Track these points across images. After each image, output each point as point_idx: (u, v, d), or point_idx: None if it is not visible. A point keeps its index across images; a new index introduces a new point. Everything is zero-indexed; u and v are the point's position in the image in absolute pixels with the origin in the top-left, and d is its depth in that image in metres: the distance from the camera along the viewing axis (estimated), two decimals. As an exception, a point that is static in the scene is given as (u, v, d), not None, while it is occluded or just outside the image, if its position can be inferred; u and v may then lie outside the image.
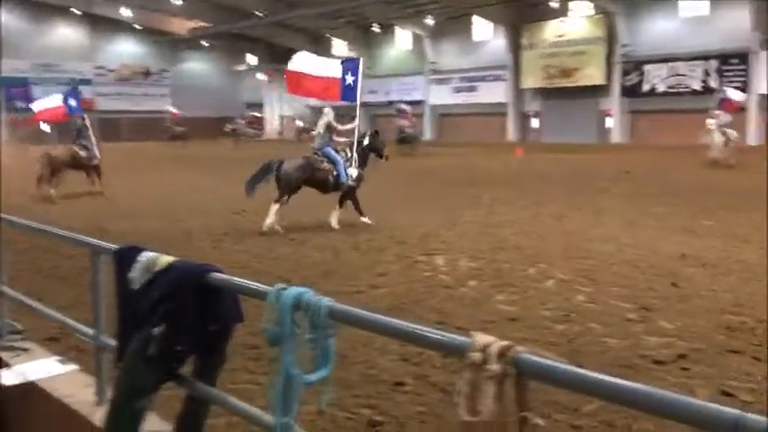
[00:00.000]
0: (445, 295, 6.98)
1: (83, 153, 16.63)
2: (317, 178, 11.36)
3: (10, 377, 3.62)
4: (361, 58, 12.56)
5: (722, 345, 5.34)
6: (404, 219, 12.13)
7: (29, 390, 3.49)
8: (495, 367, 1.45)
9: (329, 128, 11.77)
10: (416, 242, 9.90)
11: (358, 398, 4.50)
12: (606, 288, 7.12)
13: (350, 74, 11.59)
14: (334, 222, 11.24)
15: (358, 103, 11.77)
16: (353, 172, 11.53)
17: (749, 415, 1.14)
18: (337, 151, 11.59)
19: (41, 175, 15.74)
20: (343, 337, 5.21)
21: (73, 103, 17.83)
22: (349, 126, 12.11)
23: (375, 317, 1.92)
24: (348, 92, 11.59)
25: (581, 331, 5.74)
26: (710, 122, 22.40)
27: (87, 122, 17.39)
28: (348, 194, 11.53)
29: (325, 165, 11.40)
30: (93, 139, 17.12)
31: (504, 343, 1.50)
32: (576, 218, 11.93)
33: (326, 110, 12.09)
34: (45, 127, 27.36)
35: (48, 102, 18.34)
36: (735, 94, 23.61)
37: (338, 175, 11.37)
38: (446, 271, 8.08)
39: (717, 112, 22.65)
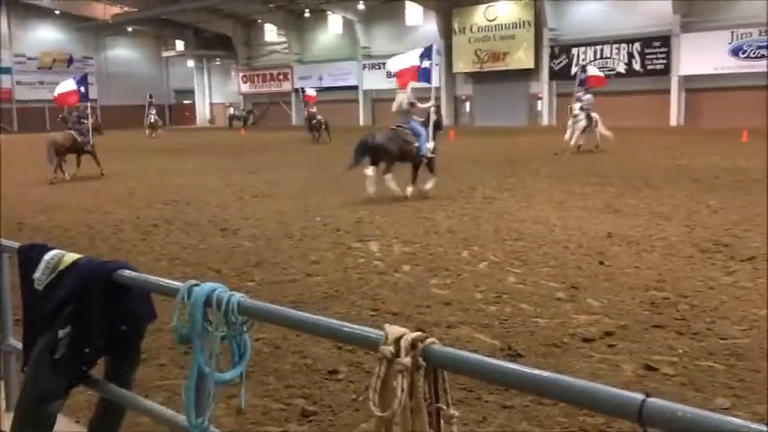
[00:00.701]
0: (379, 281, 6.96)
1: (80, 138, 17.99)
2: (404, 150, 12.59)
3: None
4: (434, 45, 14.10)
5: (646, 320, 5.49)
6: (337, 205, 12.06)
7: (-68, 398, 3.27)
8: (405, 360, 1.41)
9: (412, 105, 13.04)
10: (350, 229, 9.84)
11: (291, 388, 4.44)
12: (536, 269, 7.23)
13: (425, 59, 13.13)
14: (410, 191, 12.55)
15: (433, 84, 13.28)
16: (430, 145, 12.81)
17: (653, 399, 1.13)
18: (421, 125, 12.91)
19: (51, 159, 17.20)
20: (275, 327, 5.15)
21: (83, 89, 19.10)
22: (427, 105, 13.33)
23: (287, 311, 1.86)
24: (424, 74, 13.14)
25: (512, 312, 5.82)
26: (576, 107, 20.77)
27: (89, 110, 19.43)
28: (429, 164, 12.88)
29: (411, 137, 12.63)
30: (89, 125, 18.69)
31: (416, 334, 1.46)
32: (508, 200, 12.10)
33: (408, 89, 13.40)
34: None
35: (64, 86, 19.37)
36: (595, 71, 23.29)
37: (419, 148, 12.62)
38: (380, 257, 8.06)
39: (580, 94, 21.47)
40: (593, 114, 20.85)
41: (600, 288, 6.43)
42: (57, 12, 54.11)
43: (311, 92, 34.20)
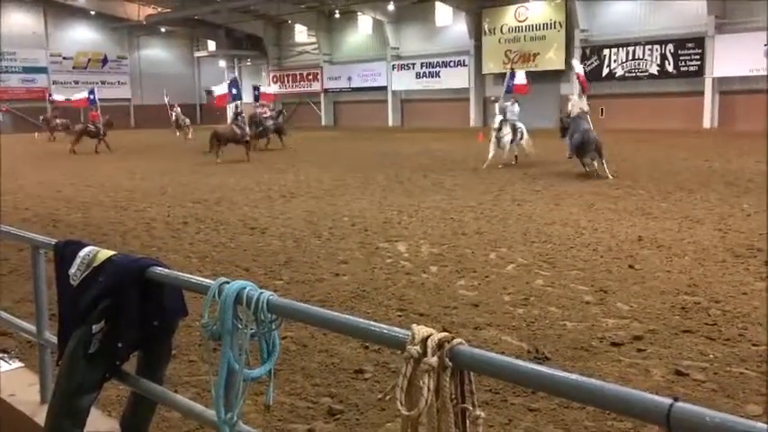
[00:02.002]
0: (407, 282, 6.97)
1: (238, 131, 22.45)
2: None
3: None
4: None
5: (677, 325, 5.43)
6: (365, 205, 12.09)
7: (-30, 389, 3.36)
8: (432, 360, 1.42)
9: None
10: (378, 229, 9.87)
11: (318, 387, 4.48)
12: (565, 271, 7.18)
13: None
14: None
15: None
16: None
17: (681, 404, 1.13)
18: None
19: (212, 147, 21.86)
20: (302, 325, 5.19)
21: (234, 90, 24.02)
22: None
23: (316, 310, 1.88)
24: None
25: (540, 315, 5.79)
26: (497, 120, 18.72)
27: (241, 108, 24.06)
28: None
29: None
30: (246, 120, 23.66)
31: (443, 335, 1.47)
32: (536, 202, 12.02)
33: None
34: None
35: (219, 89, 24.68)
36: (521, 76, 21.01)
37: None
38: (408, 257, 8.07)
39: (507, 103, 19.12)
40: (519, 125, 18.87)
41: (629, 292, 6.37)
42: (92, 12, 54.97)
43: (267, 90, 33.82)
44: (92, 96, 29.37)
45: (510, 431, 3.84)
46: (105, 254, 2.67)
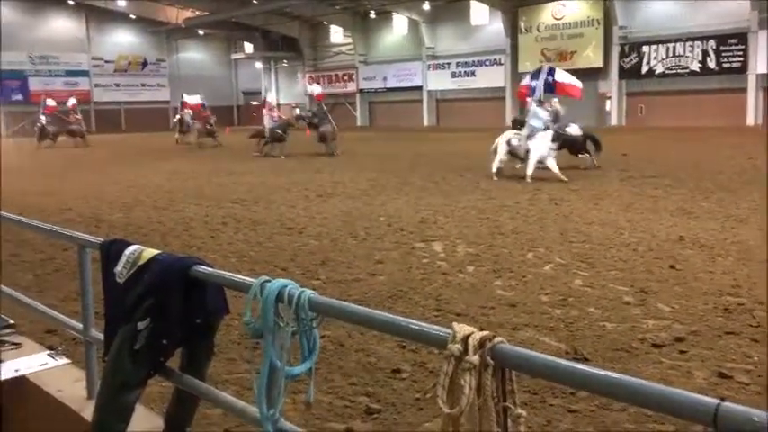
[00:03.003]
0: (443, 282, 6.96)
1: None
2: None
3: (1, 372, 3.60)
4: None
5: (720, 327, 5.32)
6: (401, 205, 12.10)
7: (20, 384, 3.47)
8: (473, 358, 1.42)
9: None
10: (414, 229, 9.87)
11: (355, 385, 4.49)
12: (604, 272, 7.10)
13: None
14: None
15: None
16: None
17: (728, 404, 1.12)
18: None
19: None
20: (340, 324, 5.22)
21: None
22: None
23: (356, 308, 1.90)
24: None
25: (579, 315, 5.73)
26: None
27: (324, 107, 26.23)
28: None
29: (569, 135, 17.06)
30: (329, 117, 25.51)
31: (484, 333, 1.47)
32: (574, 201, 11.89)
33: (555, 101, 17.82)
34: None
35: (317, 88, 27.67)
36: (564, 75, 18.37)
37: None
38: (444, 257, 8.06)
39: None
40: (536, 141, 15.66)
41: (671, 292, 6.26)
42: (132, 16, 56.05)
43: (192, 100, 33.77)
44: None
45: (549, 432, 3.82)
46: (150, 253, 2.73)
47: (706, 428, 1.14)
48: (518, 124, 18.32)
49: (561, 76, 17.98)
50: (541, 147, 15.34)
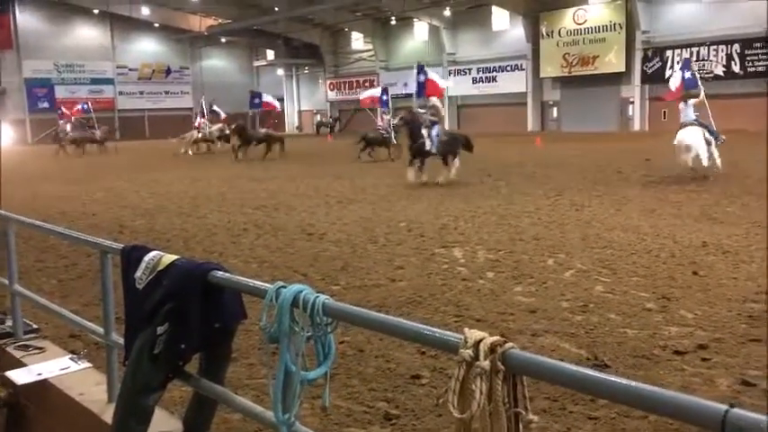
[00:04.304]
0: (463, 288, 6.94)
1: (385, 134, 24.74)
2: None
3: (24, 376, 3.66)
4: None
5: (744, 334, 5.25)
6: (421, 211, 12.10)
7: (42, 388, 3.53)
8: (484, 363, 1.42)
9: None
10: (434, 235, 9.86)
11: (374, 391, 4.50)
12: (625, 278, 7.03)
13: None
14: None
15: None
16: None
17: (737, 410, 1.11)
18: None
19: (364, 148, 24.65)
20: (359, 330, 5.23)
21: (384, 97, 26.73)
22: None
23: (369, 314, 1.91)
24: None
25: (599, 322, 5.68)
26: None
27: (390, 115, 25.69)
28: None
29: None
30: (390, 124, 24.67)
31: (495, 339, 1.48)
32: (596, 207, 11.80)
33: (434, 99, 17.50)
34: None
35: (371, 92, 28.88)
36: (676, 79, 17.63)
37: None
38: (464, 263, 8.04)
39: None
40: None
41: (693, 299, 6.19)
42: (156, 25, 56.81)
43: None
44: (384, 97, 28.09)
45: (568, 439, 3.79)
46: (169, 258, 2.77)
47: None
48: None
49: (432, 74, 18.11)
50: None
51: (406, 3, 43.90)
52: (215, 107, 35.67)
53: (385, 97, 26.55)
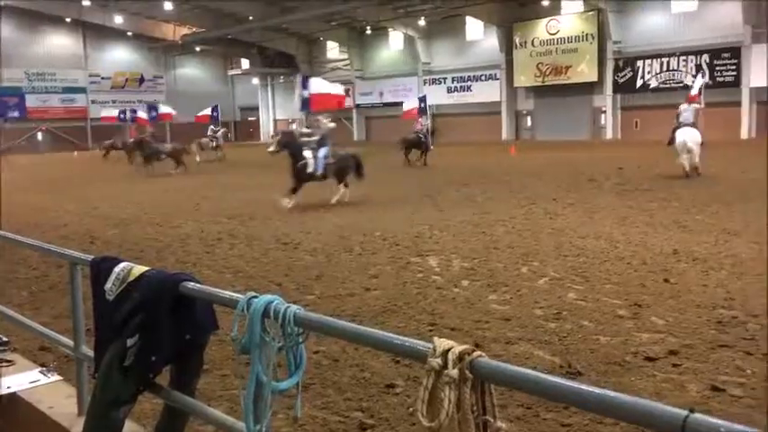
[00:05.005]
0: (438, 296, 6.96)
1: (423, 139, 25.45)
2: None
3: (-8, 389, 3.60)
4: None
5: (713, 340, 5.33)
6: (397, 220, 12.12)
7: (12, 401, 3.47)
8: (452, 372, 1.44)
9: None
10: (409, 243, 9.88)
11: (349, 401, 4.49)
12: (598, 285, 7.11)
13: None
14: None
15: None
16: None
17: (697, 415, 1.13)
18: None
19: (406, 153, 25.34)
20: (334, 340, 5.22)
21: (423, 104, 27.79)
22: None
23: (340, 323, 1.91)
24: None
25: (573, 329, 5.74)
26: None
27: (428, 122, 27.71)
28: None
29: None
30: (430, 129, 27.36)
31: (463, 347, 1.49)
32: (569, 215, 11.92)
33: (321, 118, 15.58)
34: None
35: (412, 105, 28.81)
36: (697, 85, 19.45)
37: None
38: (439, 272, 8.07)
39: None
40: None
41: (664, 306, 6.28)
42: (129, 33, 56.35)
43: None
44: (422, 104, 28.52)
45: (541, 446, 3.81)
46: (139, 269, 2.74)
47: None
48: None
49: (317, 86, 15.84)
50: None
51: (381, 12, 44.10)
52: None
53: (422, 105, 27.84)
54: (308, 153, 14.63)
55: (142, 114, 33.87)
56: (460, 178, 19.25)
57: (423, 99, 28.59)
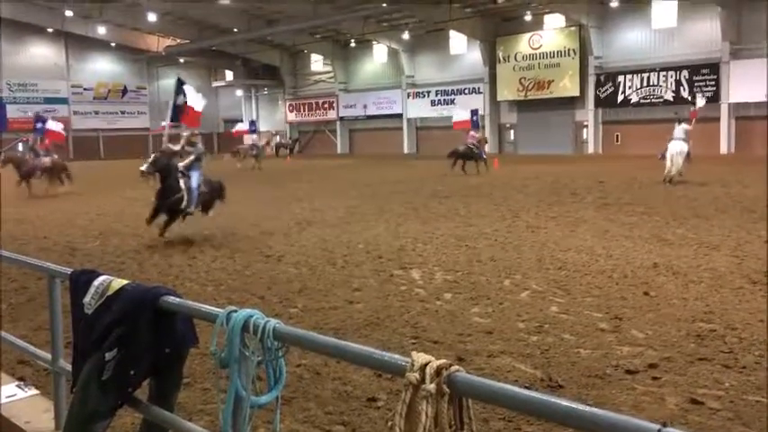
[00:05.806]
0: (421, 309, 6.97)
1: (475, 149, 26.22)
2: None
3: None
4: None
5: (692, 353, 5.38)
6: (380, 233, 12.13)
7: (-13, 416, 3.42)
8: (430, 387, 1.44)
9: None
10: (392, 256, 9.89)
11: (331, 415, 4.48)
12: (579, 298, 7.16)
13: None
14: None
15: None
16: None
17: (670, 429, 1.15)
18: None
19: (455, 162, 25.93)
20: (315, 354, 5.20)
21: (474, 117, 28.66)
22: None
23: (319, 338, 1.92)
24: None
25: (554, 342, 5.77)
26: None
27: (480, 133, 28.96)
28: None
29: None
30: (481, 139, 27.71)
31: (441, 362, 1.50)
32: (551, 228, 12.00)
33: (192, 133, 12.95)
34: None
35: (462, 114, 29.66)
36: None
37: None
38: (422, 285, 8.08)
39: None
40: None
41: (644, 319, 6.33)
42: (112, 44, 56.03)
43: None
44: (474, 118, 29.53)
45: (522, 460, 3.82)
46: (119, 283, 2.73)
47: None
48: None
49: (192, 97, 12.80)
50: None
51: (365, 26, 44.28)
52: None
53: (475, 118, 28.82)
54: (182, 183, 11.87)
55: (54, 127, 25.01)
56: (444, 191, 19.31)
57: (474, 112, 29.48)
